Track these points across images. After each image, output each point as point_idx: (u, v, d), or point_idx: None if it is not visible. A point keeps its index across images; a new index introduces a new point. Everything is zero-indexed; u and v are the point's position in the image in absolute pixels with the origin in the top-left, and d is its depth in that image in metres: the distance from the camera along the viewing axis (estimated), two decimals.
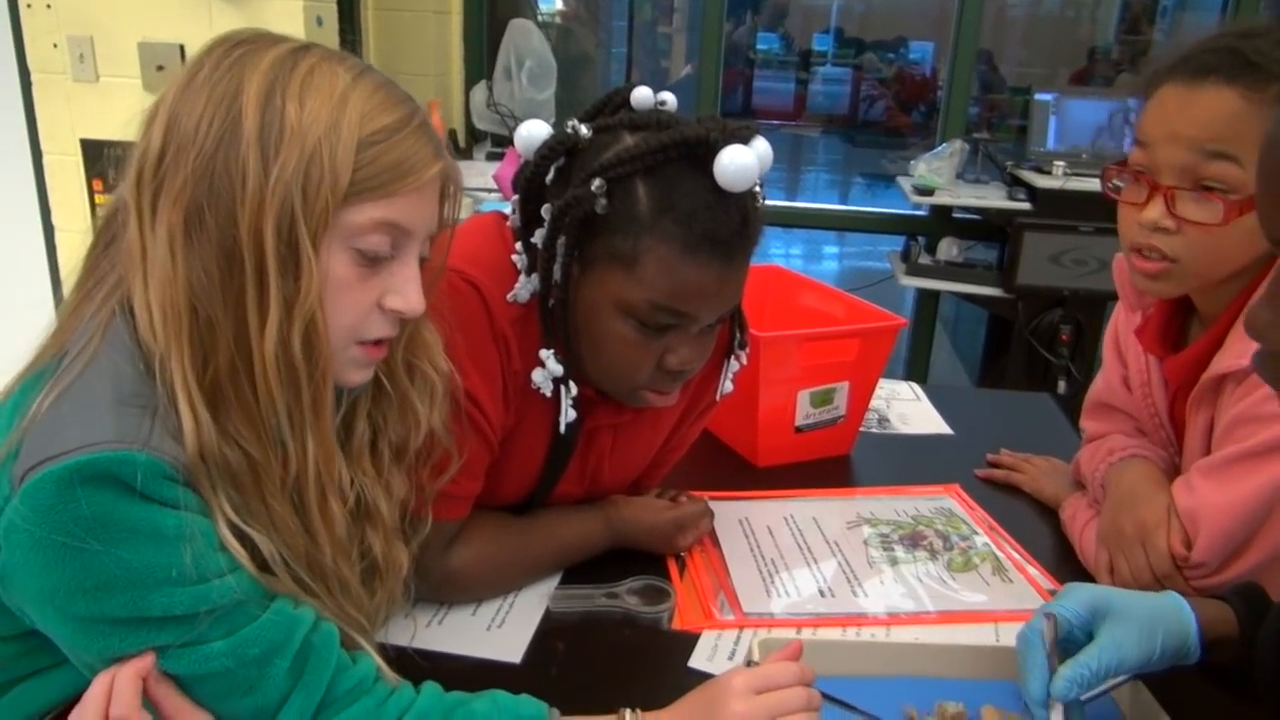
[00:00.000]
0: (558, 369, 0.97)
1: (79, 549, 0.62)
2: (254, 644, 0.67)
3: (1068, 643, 0.83)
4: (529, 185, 0.95)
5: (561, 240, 0.92)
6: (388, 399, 0.83)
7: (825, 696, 0.80)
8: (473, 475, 1.00)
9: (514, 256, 0.98)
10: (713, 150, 0.87)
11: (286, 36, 0.73)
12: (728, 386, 1.13)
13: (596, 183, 0.88)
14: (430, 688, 0.78)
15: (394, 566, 0.85)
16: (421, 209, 0.74)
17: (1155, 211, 1.01)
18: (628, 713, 0.79)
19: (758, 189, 0.95)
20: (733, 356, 1.11)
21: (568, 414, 1.00)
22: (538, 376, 0.98)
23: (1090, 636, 0.82)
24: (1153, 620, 0.82)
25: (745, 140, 0.89)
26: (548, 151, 0.93)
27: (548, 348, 0.97)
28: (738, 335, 1.10)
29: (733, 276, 0.93)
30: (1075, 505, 1.25)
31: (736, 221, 0.90)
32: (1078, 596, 0.85)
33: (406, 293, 0.74)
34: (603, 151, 0.90)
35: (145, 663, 0.65)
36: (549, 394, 0.99)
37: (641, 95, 0.95)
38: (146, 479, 0.63)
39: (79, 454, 0.61)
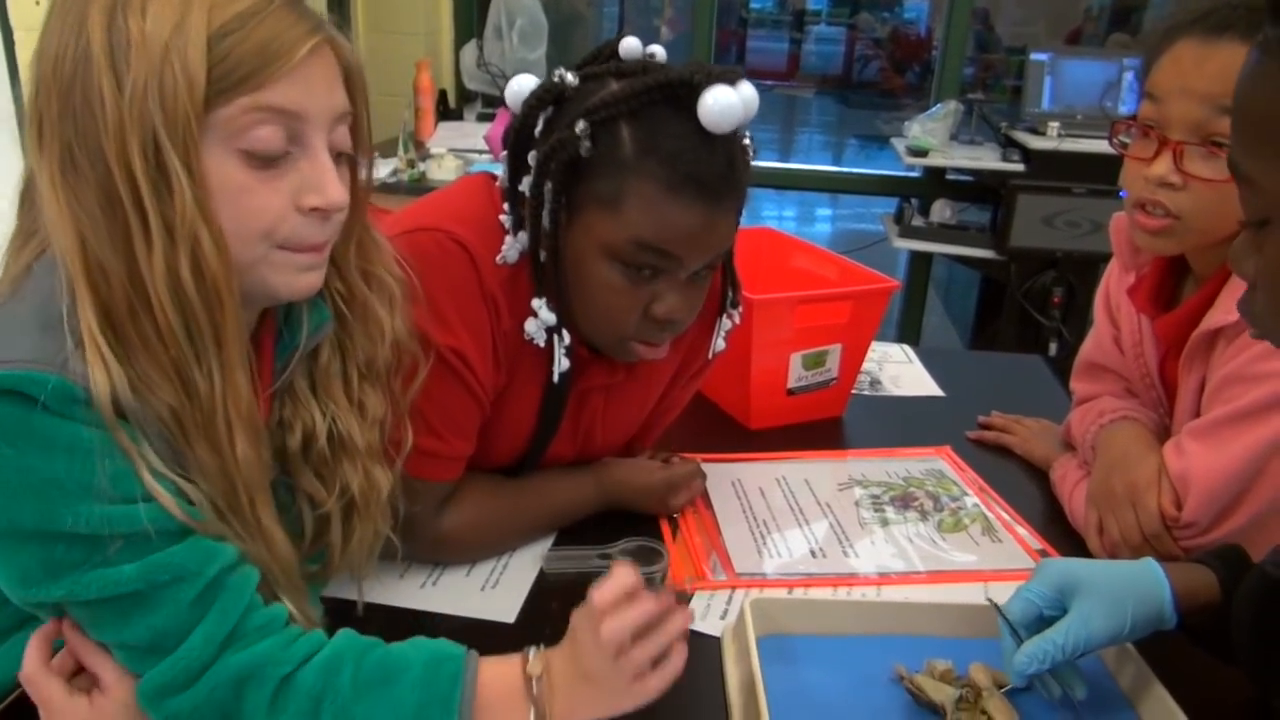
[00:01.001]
0: (550, 317, 0.97)
1: None
2: (164, 569, 0.66)
3: (1042, 623, 0.83)
4: (518, 136, 0.94)
5: (548, 186, 0.91)
6: (349, 319, 0.80)
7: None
8: (464, 435, 1.00)
9: (502, 217, 0.97)
10: (696, 91, 0.87)
11: None
12: (720, 345, 1.13)
13: (581, 125, 0.88)
14: (346, 631, 0.76)
15: (374, 493, 0.83)
16: (310, 90, 0.68)
17: (1163, 166, 1.00)
18: (531, 650, 0.77)
19: (746, 141, 0.95)
20: (725, 315, 1.11)
21: (561, 363, 0.99)
22: (530, 326, 0.97)
23: (1065, 613, 0.83)
24: (1122, 593, 0.82)
25: (730, 82, 0.88)
26: (535, 101, 0.93)
27: (540, 298, 0.97)
28: (730, 293, 1.10)
29: (718, 221, 0.92)
30: (1065, 466, 1.26)
31: (721, 163, 0.90)
32: (1045, 576, 0.85)
33: (322, 187, 0.69)
34: (589, 99, 0.90)
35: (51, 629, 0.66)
36: (542, 343, 0.98)
37: (630, 45, 0.95)
38: (55, 399, 0.62)
39: None
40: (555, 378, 1.00)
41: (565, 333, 0.98)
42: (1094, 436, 1.20)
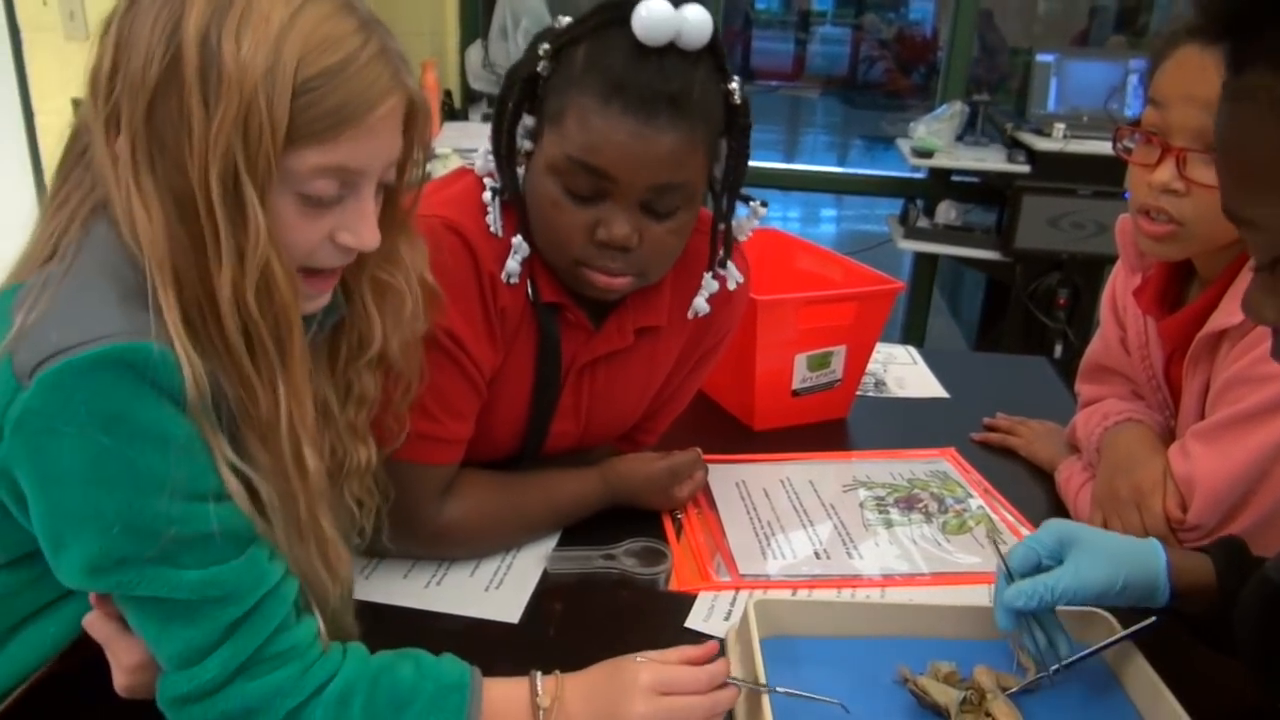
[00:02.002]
0: (525, 248, 0.99)
1: (89, 441, 0.62)
2: (220, 586, 0.68)
3: (1039, 572, 0.85)
4: (511, 72, 0.99)
5: (509, 106, 0.96)
6: (353, 304, 0.82)
7: (776, 691, 0.80)
8: (461, 417, 1.00)
9: (484, 194, 0.99)
10: (633, 5, 0.89)
11: None
12: (701, 305, 1.10)
13: (544, 47, 0.93)
14: (355, 650, 0.77)
15: (352, 462, 0.84)
16: (375, 147, 0.71)
17: (1166, 173, 1.00)
18: (538, 676, 0.79)
19: (732, 86, 0.96)
20: (711, 274, 1.09)
21: (538, 295, 1.01)
22: (510, 264, 0.98)
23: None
24: (1118, 555, 0.84)
25: (674, 1, 0.90)
26: (530, 43, 0.97)
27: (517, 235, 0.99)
28: (720, 253, 1.08)
29: (653, 137, 0.90)
30: (1070, 468, 1.26)
31: (654, 76, 0.90)
32: (1048, 528, 0.88)
33: (358, 230, 0.72)
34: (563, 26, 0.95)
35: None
36: (517, 279, 0.99)
37: None
38: (160, 369, 0.64)
39: (92, 345, 0.62)
40: (530, 294, 1.01)
41: (542, 285, 0.99)
42: (1099, 438, 1.19)
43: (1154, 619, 0.88)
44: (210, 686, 0.69)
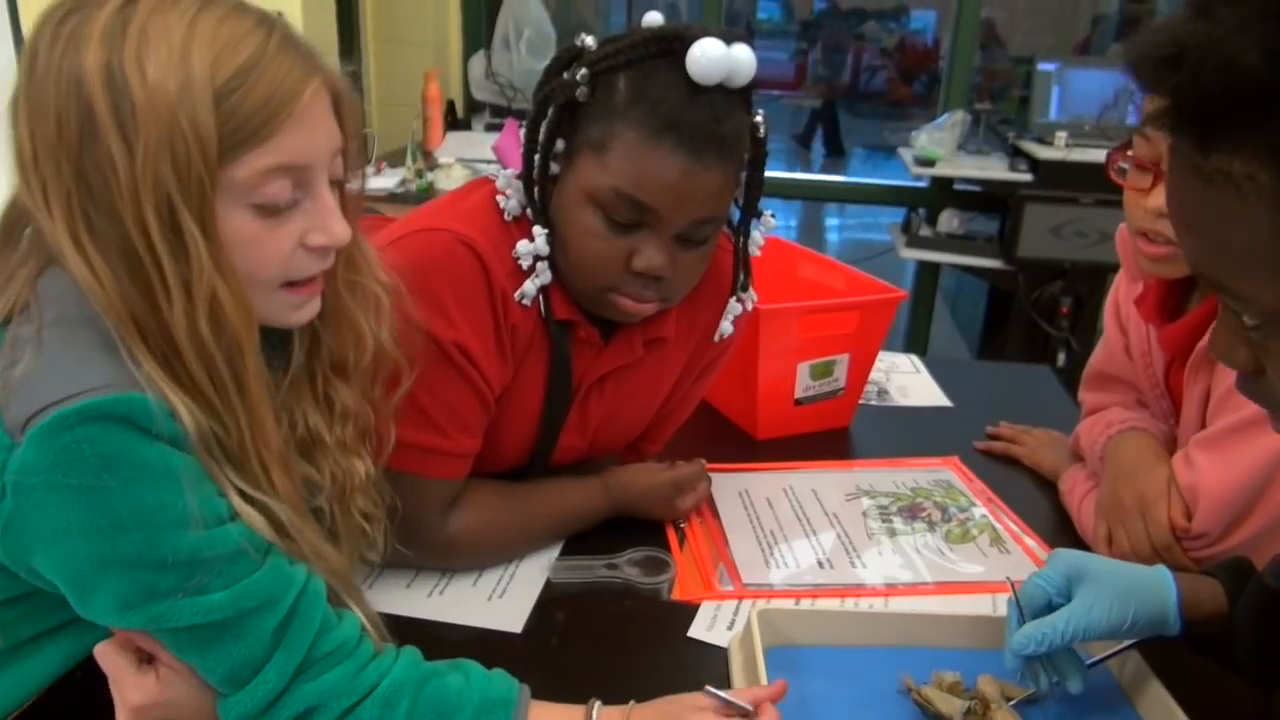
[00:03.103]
0: (548, 275, 0.99)
1: (93, 487, 0.62)
2: (252, 596, 0.68)
3: (1049, 609, 0.84)
4: (538, 92, 0.98)
5: (544, 127, 0.95)
6: (322, 320, 0.80)
7: None
8: (469, 431, 1.00)
9: (499, 197, 1.00)
10: (687, 44, 0.90)
11: None
12: (727, 328, 1.12)
13: (582, 73, 0.92)
14: (408, 655, 0.78)
15: (351, 481, 0.83)
16: (312, 135, 0.69)
17: (1160, 199, 1.01)
18: (597, 705, 0.79)
19: (759, 119, 0.97)
20: (735, 298, 1.11)
21: (550, 312, 1.01)
22: (528, 286, 0.98)
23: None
24: (1128, 589, 0.83)
25: (724, 39, 0.90)
26: (555, 60, 0.97)
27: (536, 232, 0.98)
28: (741, 277, 1.10)
29: (700, 175, 0.92)
30: (1074, 477, 1.26)
31: (707, 116, 0.91)
32: (1056, 564, 0.86)
33: (327, 227, 0.71)
34: (600, 51, 0.94)
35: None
36: (530, 301, 0.99)
37: (652, 17, 0.97)
38: (155, 417, 0.63)
39: (84, 397, 0.62)
40: (542, 312, 1.01)
41: (546, 271, 0.99)
42: (1102, 447, 1.19)
43: None
44: (273, 695, 0.69)
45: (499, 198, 1.00)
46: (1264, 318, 0.54)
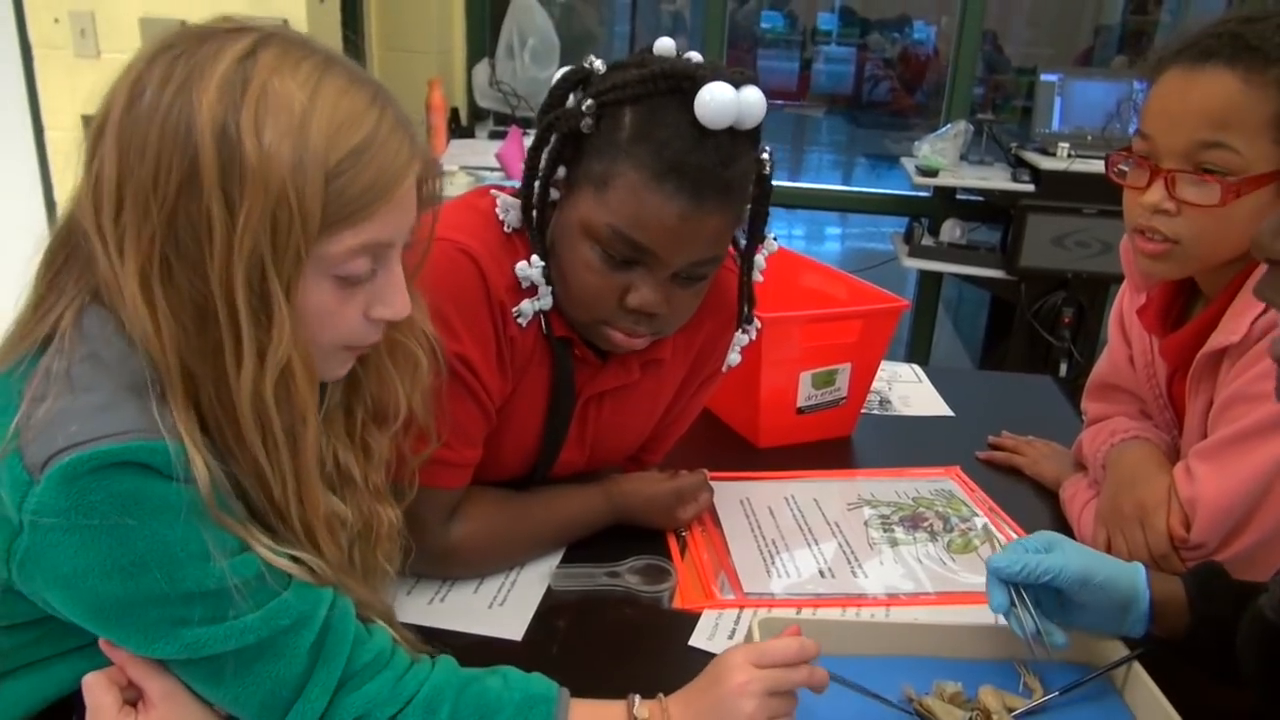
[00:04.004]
0: (549, 300, 0.98)
1: (114, 526, 0.62)
2: (284, 614, 0.68)
3: (1029, 587, 0.87)
4: (542, 115, 0.97)
5: (545, 155, 0.94)
6: (364, 364, 0.81)
7: (832, 676, 0.80)
8: (471, 442, 1.00)
9: (497, 209, 0.99)
10: (697, 85, 0.88)
11: (225, 26, 0.67)
12: (734, 359, 1.13)
13: (588, 103, 0.91)
14: (446, 661, 0.78)
15: (382, 528, 0.83)
16: (402, 217, 0.71)
17: (1156, 194, 1.01)
18: (636, 699, 0.79)
19: (765, 155, 0.96)
20: (741, 330, 1.11)
21: (550, 329, 1.01)
22: (525, 306, 0.98)
23: (1057, 592, 0.88)
24: (1101, 557, 0.89)
25: (734, 82, 0.89)
26: (562, 81, 0.96)
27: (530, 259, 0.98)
28: (746, 308, 1.10)
29: (701, 219, 0.91)
30: (1075, 486, 1.26)
31: (711, 160, 0.89)
32: (1038, 534, 0.92)
33: (392, 302, 0.72)
34: (607, 81, 0.93)
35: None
36: (526, 322, 0.99)
37: (664, 45, 0.96)
38: (173, 464, 0.63)
39: (104, 442, 0.61)
40: (543, 328, 1.01)
41: (548, 296, 0.99)
42: (1104, 455, 1.19)
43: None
44: (319, 713, 0.69)
45: (498, 211, 1.00)
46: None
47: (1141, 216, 1.04)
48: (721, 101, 0.87)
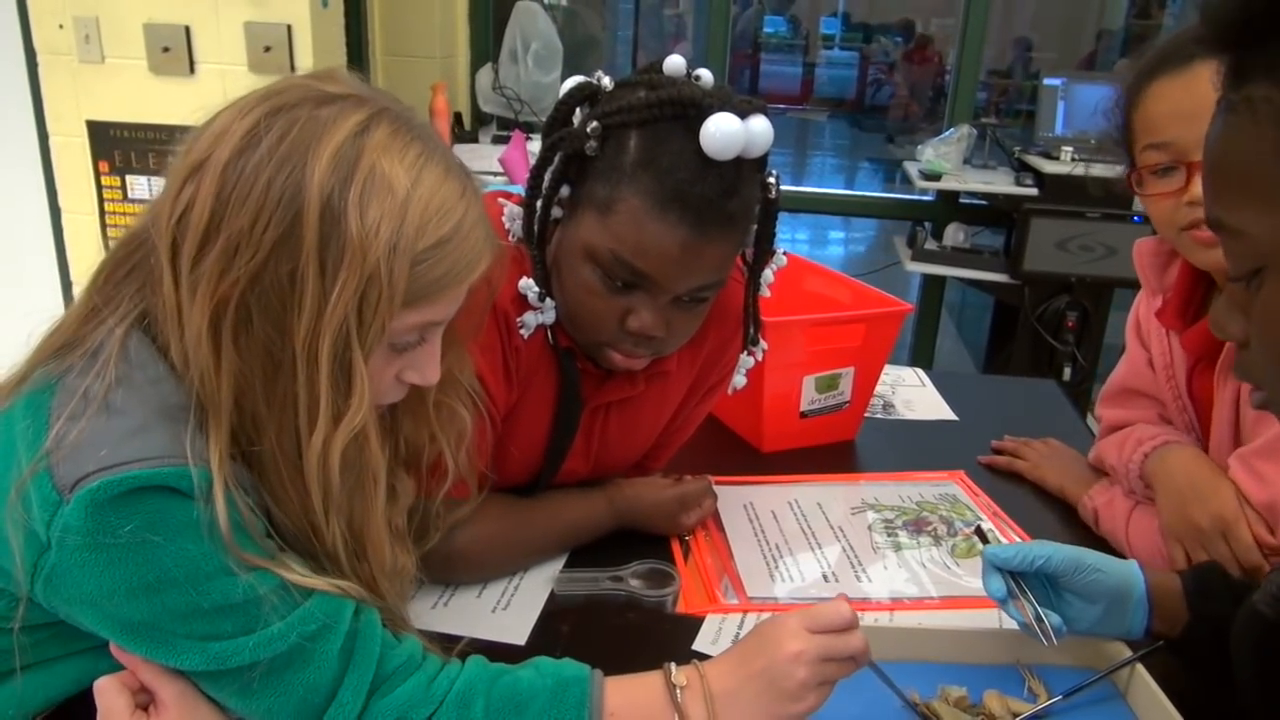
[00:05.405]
0: (552, 316, 0.99)
1: (139, 545, 0.62)
2: (311, 620, 0.68)
3: (1025, 577, 0.88)
4: (548, 128, 0.97)
5: (548, 173, 0.94)
6: (403, 412, 0.83)
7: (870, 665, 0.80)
8: (477, 452, 1.00)
9: (503, 218, 0.99)
10: (703, 114, 0.87)
11: (343, 92, 0.70)
12: (740, 381, 1.13)
13: (593, 125, 0.90)
14: (476, 660, 0.78)
15: (399, 573, 0.84)
16: (459, 300, 0.74)
17: (1198, 186, 1.00)
18: (673, 667, 0.78)
19: (771, 179, 0.95)
20: (746, 351, 1.11)
21: (556, 340, 1.01)
22: (529, 318, 0.99)
23: (1053, 585, 0.89)
24: (1094, 553, 0.89)
25: (741, 112, 0.88)
26: (568, 96, 0.95)
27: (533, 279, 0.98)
28: (751, 330, 1.10)
29: (703, 247, 0.90)
30: (1107, 494, 1.22)
31: (715, 190, 0.89)
32: (1037, 542, 0.92)
33: (425, 370, 0.75)
34: (614, 103, 0.92)
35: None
36: (529, 334, 0.99)
37: (674, 63, 0.95)
38: (198, 487, 0.64)
39: (134, 467, 0.62)
40: (548, 338, 1.01)
41: (552, 310, 0.99)
42: (1140, 465, 1.16)
43: (1163, 642, 0.87)
44: (354, 716, 0.69)
45: (504, 220, 0.99)
46: (1253, 260, 0.56)
47: (1189, 214, 1.01)
48: (727, 133, 0.87)
